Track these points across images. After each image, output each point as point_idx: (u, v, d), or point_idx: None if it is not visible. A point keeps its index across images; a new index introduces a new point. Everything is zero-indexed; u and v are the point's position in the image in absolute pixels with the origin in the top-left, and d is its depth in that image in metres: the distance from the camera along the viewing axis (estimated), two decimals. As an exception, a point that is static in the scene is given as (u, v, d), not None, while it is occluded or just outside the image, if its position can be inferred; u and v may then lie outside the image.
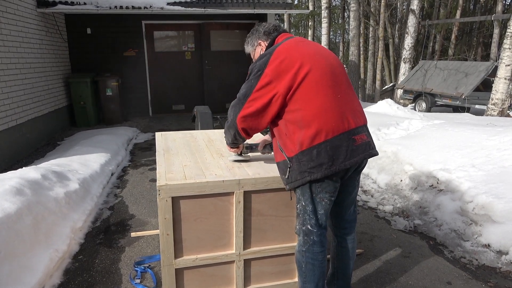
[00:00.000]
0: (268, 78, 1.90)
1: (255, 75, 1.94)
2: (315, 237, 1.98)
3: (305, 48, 1.96)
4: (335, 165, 1.86)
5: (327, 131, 1.84)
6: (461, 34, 20.52)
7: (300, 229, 2.02)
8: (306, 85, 1.87)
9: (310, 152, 1.86)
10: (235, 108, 2.00)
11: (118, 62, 8.86)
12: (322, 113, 1.85)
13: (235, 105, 2.00)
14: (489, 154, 3.93)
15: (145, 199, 4.17)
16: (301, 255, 2.04)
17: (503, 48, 7.93)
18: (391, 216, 3.73)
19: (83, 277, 2.73)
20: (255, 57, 2.21)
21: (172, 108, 9.62)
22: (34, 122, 6.36)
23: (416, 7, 9.87)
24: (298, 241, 2.07)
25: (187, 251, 2.13)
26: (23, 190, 3.07)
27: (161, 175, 2.12)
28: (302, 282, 2.08)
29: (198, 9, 7.87)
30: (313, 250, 2.00)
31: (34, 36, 6.63)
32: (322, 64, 1.92)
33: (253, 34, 2.21)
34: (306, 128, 1.86)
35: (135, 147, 6.52)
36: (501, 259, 2.84)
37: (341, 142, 1.86)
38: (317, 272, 2.02)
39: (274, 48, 1.96)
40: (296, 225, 2.05)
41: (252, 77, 1.95)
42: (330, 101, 1.88)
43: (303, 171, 1.88)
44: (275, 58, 1.91)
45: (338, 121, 1.87)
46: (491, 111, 8.12)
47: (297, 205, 2.02)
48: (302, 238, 2.01)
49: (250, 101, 1.93)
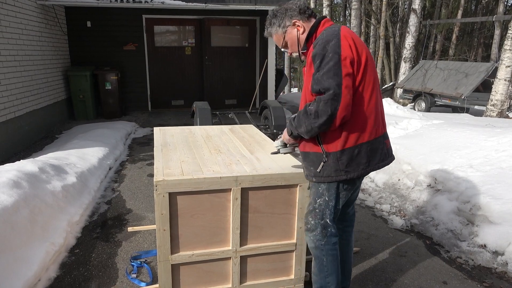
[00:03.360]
0: (348, 62, 1.76)
1: (332, 60, 1.74)
2: (333, 229, 2.03)
3: (360, 40, 1.88)
4: (370, 167, 1.90)
5: (371, 132, 1.86)
6: (462, 34, 20.49)
7: (317, 224, 2.01)
8: (367, 79, 1.83)
9: (351, 152, 1.86)
10: (332, 101, 1.73)
11: (118, 56, 8.83)
12: (372, 112, 1.86)
13: (330, 99, 1.73)
14: (487, 155, 3.94)
15: (143, 194, 4.17)
16: (321, 250, 2.05)
17: (504, 49, 7.92)
18: (388, 215, 3.73)
19: (79, 270, 2.73)
20: (289, 39, 1.99)
21: (171, 103, 9.60)
22: (33, 115, 6.33)
23: (418, 7, 9.84)
24: (312, 236, 2.04)
25: (184, 247, 2.13)
26: (20, 183, 3.06)
27: (159, 170, 2.12)
28: (324, 277, 2.09)
29: (199, 4, 7.83)
30: (331, 241, 2.04)
31: (33, 28, 6.60)
32: (373, 60, 1.92)
33: (281, 14, 1.97)
34: (355, 125, 1.84)
35: (134, 142, 6.51)
36: (496, 259, 2.85)
37: (378, 144, 1.91)
38: (336, 263, 2.07)
39: (338, 32, 1.80)
40: (310, 220, 2.03)
41: (329, 63, 1.74)
42: (378, 101, 1.91)
43: (339, 169, 1.89)
44: (346, 44, 1.77)
45: (379, 123, 1.92)
46: (490, 112, 8.13)
47: (317, 199, 2.00)
48: (320, 232, 2.02)
49: (345, 88, 1.75)
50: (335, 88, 1.73)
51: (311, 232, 2.05)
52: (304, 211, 2.23)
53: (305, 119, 1.84)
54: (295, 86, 30.26)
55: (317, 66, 1.78)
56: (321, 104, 1.76)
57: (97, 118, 8.24)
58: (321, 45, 1.78)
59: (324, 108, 1.75)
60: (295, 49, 2.04)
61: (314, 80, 1.78)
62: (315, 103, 1.79)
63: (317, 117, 1.78)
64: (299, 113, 1.90)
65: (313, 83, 1.78)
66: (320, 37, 1.83)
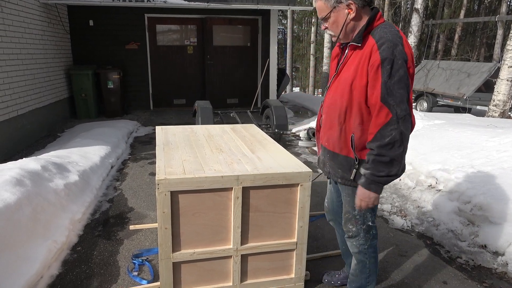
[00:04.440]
0: (411, 72, 1.73)
1: (401, 68, 1.67)
2: (374, 230, 2.07)
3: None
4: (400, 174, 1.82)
5: None
6: (465, 34, 20.44)
7: (359, 229, 2.03)
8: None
9: None
10: (408, 116, 1.70)
11: (120, 55, 8.85)
12: None
13: (407, 114, 1.70)
14: (489, 155, 3.93)
15: (144, 193, 4.18)
16: (364, 254, 2.09)
17: (506, 49, 7.90)
18: (389, 215, 3.74)
19: (81, 268, 2.75)
20: (335, 17, 1.82)
21: (173, 102, 9.62)
22: (35, 113, 6.36)
23: (420, 6, 9.82)
24: (355, 242, 2.07)
25: (185, 245, 2.15)
26: (23, 181, 3.08)
27: (161, 169, 2.13)
28: (365, 278, 2.15)
29: (201, 3, 7.84)
30: (373, 244, 2.09)
31: (36, 27, 6.62)
32: None
33: None
34: None
35: (136, 141, 6.53)
36: (497, 260, 2.85)
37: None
38: (376, 263, 2.14)
39: (400, 35, 1.72)
40: (351, 228, 2.04)
41: (399, 71, 1.67)
42: None
43: None
44: (409, 52, 1.71)
45: None
46: (492, 113, 8.10)
47: (355, 206, 1.91)
48: (364, 236, 2.04)
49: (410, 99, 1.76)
50: (407, 101, 1.69)
51: (353, 238, 2.07)
52: (304, 210, 2.24)
53: (392, 152, 1.71)
54: (297, 86, 30.26)
55: (387, 72, 1.67)
56: (400, 123, 1.68)
57: (99, 117, 8.26)
58: (390, 48, 1.67)
59: (406, 125, 1.70)
60: (336, 30, 1.86)
61: (386, 88, 1.68)
62: (391, 128, 1.68)
63: (403, 140, 1.71)
64: (377, 158, 1.72)
65: (384, 91, 1.68)
66: (384, 36, 1.71)
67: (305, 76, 27.99)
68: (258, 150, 2.59)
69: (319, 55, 21.13)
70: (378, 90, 1.70)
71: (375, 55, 1.70)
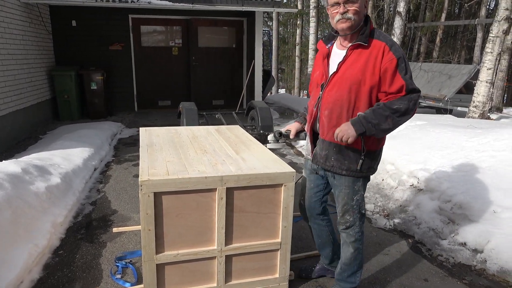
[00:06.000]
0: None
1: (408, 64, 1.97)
2: (364, 217, 2.29)
3: None
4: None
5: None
6: (446, 37, 20.87)
7: (356, 218, 2.21)
8: None
9: (381, 152, 2.20)
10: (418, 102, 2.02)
11: (104, 56, 8.74)
12: None
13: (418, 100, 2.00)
14: (468, 155, 4.03)
15: (128, 195, 4.14)
16: (359, 240, 2.26)
17: (485, 52, 8.09)
18: (372, 214, 3.79)
19: (63, 272, 2.71)
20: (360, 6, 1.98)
21: (158, 103, 9.55)
22: (16, 115, 6.23)
23: (403, 9, 10.00)
24: (351, 231, 2.23)
25: (169, 246, 2.14)
26: (2, 184, 3.02)
27: (144, 170, 2.12)
28: (357, 265, 2.30)
29: (186, 4, 7.81)
30: (363, 229, 2.28)
31: (17, 27, 6.49)
32: None
33: None
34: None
35: (120, 142, 6.46)
36: (476, 257, 2.92)
37: None
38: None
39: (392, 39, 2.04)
40: (349, 218, 2.22)
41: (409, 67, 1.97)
42: None
43: (371, 167, 2.16)
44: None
45: None
46: (472, 114, 8.28)
47: (354, 197, 2.18)
48: (358, 224, 2.23)
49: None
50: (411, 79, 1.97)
51: (350, 228, 2.22)
52: (288, 210, 2.26)
53: (392, 115, 1.95)
54: (282, 87, 30.36)
55: (404, 68, 1.95)
56: (411, 104, 1.96)
57: (83, 119, 8.14)
58: (398, 48, 1.95)
59: (413, 107, 1.97)
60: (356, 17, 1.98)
61: (409, 81, 1.95)
62: (401, 102, 1.95)
63: (405, 115, 1.97)
64: (379, 110, 1.96)
65: (408, 83, 1.94)
66: (388, 38, 1.98)
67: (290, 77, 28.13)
68: (243, 151, 2.60)
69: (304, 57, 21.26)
70: (402, 82, 1.94)
71: (389, 55, 1.94)
